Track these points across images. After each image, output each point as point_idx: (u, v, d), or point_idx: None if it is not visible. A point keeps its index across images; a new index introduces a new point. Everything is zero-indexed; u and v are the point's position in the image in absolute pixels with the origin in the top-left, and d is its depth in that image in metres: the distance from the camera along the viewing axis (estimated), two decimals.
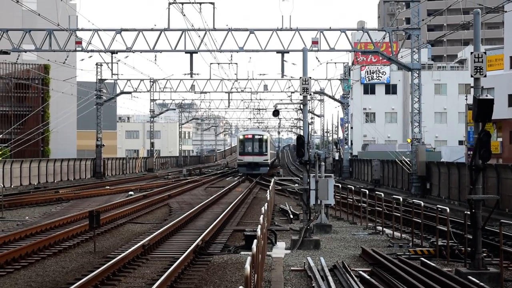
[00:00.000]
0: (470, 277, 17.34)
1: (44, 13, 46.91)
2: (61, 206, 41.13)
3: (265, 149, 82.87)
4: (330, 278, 17.48)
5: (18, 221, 32.77)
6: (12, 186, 56.12)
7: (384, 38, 54.40)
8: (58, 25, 46.79)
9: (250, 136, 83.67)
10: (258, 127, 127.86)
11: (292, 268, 20.05)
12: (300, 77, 25.97)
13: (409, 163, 52.92)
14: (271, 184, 39.82)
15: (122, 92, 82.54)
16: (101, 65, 78.08)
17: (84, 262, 21.43)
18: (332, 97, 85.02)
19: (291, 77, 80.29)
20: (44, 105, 79.79)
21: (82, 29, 55.56)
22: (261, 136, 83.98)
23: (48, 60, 60.22)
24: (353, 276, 17.75)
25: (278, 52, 53.30)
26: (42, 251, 23.04)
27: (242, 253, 22.68)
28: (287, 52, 52.92)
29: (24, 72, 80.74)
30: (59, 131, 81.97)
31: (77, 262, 21.47)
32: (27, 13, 76.07)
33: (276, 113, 56.96)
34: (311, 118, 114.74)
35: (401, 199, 28.20)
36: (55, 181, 66.15)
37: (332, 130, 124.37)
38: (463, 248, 20.90)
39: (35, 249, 22.77)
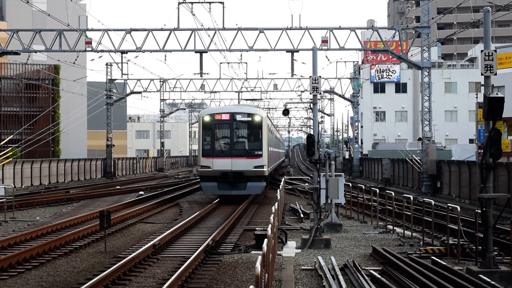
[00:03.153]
0: (481, 275, 17.31)
1: (54, 13, 47.01)
2: (71, 206, 41.22)
3: (259, 144, 43.05)
4: (341, 277, 17.47)
5: (29, 221, 32.85)
6: (23, 186, 56.25)
7: (394, 37, 54.29)
8: (68, 25, 46.86)
9: (225, 117, 43.03)
10: (249, 101, 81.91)
11: (302, 267, 20.04)
12: (310, 76, 25.97)
13: (419, 161, 52.85)
14: (281, 183, 39.79)
15: (132, 92, 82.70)
16: (111, 65, 78.17)
17: (95, 262, 21.46)
18: (342, 96, 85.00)
19: (301, 76, 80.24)
20: (55, 106, 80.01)
21: (92, 29, 55.60)
22: (251, 117, 43.16)
23: (58, 60, 60.31)
24: (364, 275, 17.73)
25: (287, 51, 53.26)
26: (53, 251, 23.09)
27: (252, 252, 22.68)
28: (297, 51, 52.85)
29: (34, 73, 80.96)
30: (69, 131, 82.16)
31: (88, 262, 21.51)
32: (37, 13, 76.27)
33: (286, 112, 56.92)
34: (321, 117, 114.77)
35: (412, 198, 28.16)
36: (66, 181, 66.28)
37: (342, 129, 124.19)
38: (474, 247, 20.85)
39: (46, 249, 22.82)
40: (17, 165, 56.52)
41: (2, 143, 55.38)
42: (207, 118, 43.14)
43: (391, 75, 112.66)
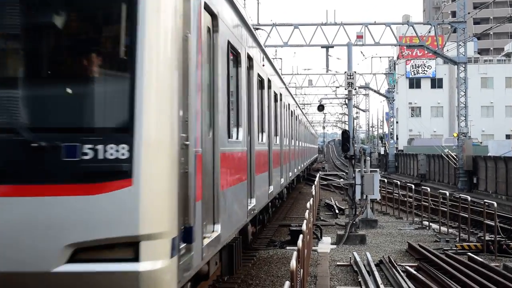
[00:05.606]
0: None
1: None
2: None
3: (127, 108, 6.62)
4: (376, 273, 17.42)
5: None
6: None
7: (429, 32, 53.95)
8: None
9: None
10: None
11: (338, 263, 20.01)
12: (345, 72, 25.97)
13: (455, 157, 52.55)
14: (316, 179, 39.74)
15: None
16: None
17: None
18: (377, 92, 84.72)
19: (336, 71, 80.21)
20: None
21: None
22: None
23: None
24: (400, 271, 17.68)
25: (322, 47, 53.09)
26: None
27: (287, 248, 22.65)
28: (332, 46, 52.68)
29: None
30: None
31: None
32: None
33: (321, 108, 56.78)
34: (356, 112, 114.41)
35: (448, 194, 28.02)
36: None
37: (378, 125, 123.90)
38: (510, 243, 20.72)
39: None
40: None
41: None
42: None
43: (426, 71, 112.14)
